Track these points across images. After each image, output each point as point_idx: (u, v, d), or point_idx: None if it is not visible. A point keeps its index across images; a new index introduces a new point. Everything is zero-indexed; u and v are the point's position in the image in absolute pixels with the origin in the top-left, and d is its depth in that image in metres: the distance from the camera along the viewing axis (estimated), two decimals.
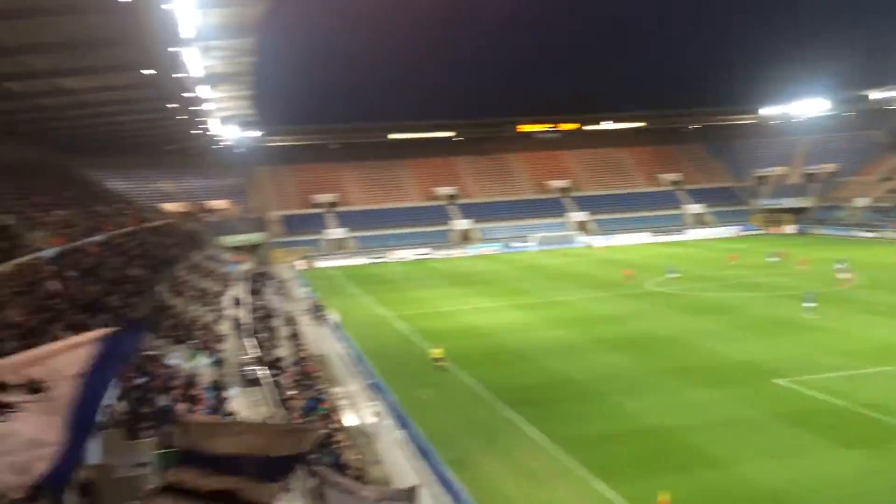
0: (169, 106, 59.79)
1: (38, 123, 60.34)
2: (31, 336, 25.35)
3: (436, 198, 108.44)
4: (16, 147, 63.74)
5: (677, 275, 62.77)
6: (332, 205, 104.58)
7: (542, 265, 77.85)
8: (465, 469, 23.03)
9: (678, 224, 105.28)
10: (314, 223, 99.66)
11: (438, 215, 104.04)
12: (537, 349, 39.10)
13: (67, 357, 6.73)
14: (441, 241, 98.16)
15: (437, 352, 36.88)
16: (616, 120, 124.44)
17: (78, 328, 29.26)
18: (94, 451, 20.17)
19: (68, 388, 6.53)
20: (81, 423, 6.53)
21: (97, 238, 49.18)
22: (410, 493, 7.47)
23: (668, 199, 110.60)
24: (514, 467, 23.36)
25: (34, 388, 6.42)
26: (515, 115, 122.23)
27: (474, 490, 21.17)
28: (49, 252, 38.15)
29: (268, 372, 37.12)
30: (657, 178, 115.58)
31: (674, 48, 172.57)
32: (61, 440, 6.25)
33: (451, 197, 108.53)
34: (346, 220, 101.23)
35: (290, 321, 50.55)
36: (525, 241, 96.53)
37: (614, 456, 23.72)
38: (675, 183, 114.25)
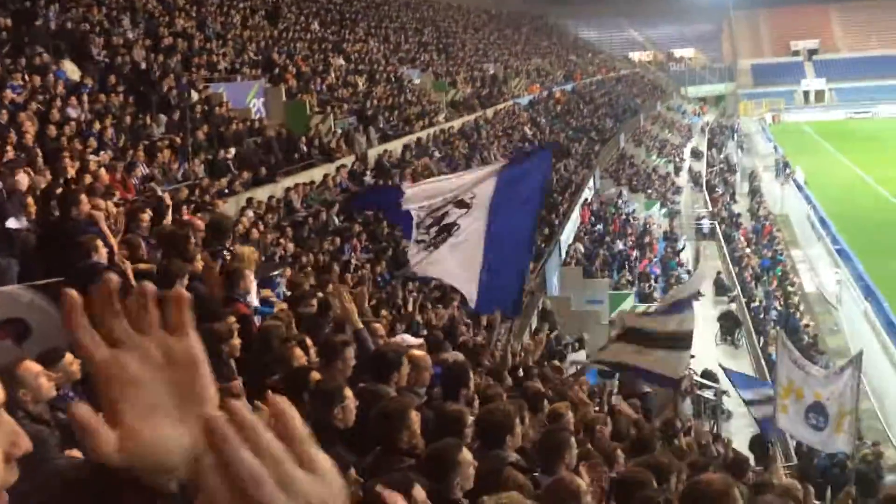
0: None
1: None
2: None
3: None
4: None
5: None
6: (812, 52, 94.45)
7: None
8: None
9: None
10: (788, 72, 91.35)
11: None
12: None
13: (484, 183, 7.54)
14: None
15: None
16: None
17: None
18: (554, 285, 21.90)
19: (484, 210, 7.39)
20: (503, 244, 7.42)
21: (567, 86, 51.69)
22: (856, 360, 6.88)
23: None
24: None
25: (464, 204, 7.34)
26: None
27: None
28: (524, 99, 41.25)
29: (722, 227, 36.31)
30: None
31: None
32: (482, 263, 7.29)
33: None
34: (827, 68, 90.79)
35: (751, 177, 48.23)
36: None
37: None
38: None
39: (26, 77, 13.47)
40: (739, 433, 17.15)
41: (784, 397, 7.74)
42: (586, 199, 32.23)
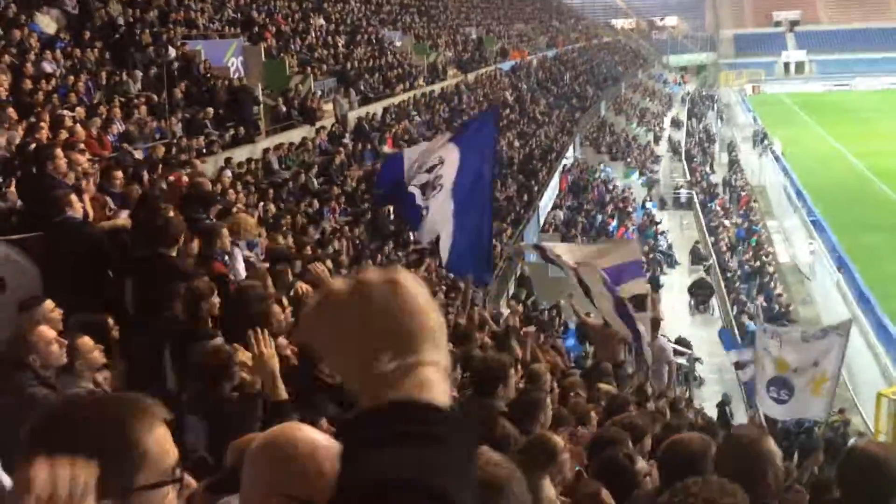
0: None
1: None
2: None
3: None
4: None
5: None
6: (794, 23, 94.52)
7: None
8: None
9: None
10: (769, 43, 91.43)
11: None
12: None
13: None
14: None
15: None
16: None
17: (526, 137, 31.56)
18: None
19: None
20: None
21: (550, 53, 51.38)
22: (843, 327, 7.00)
23: None
24: None
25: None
26: None
27: None
28: (506, 64, 40.96)
29: (699, 196, 36.55)
30: None
31: None
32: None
33: None
34: (808, 40, 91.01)
35: (730, 148, 48.48)
36: None
37: None
38: None
39: None
40: (711, 399, 17.45)
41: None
42: (565, 166, 32.24)
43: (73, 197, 6.19)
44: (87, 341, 4.43)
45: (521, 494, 1.60)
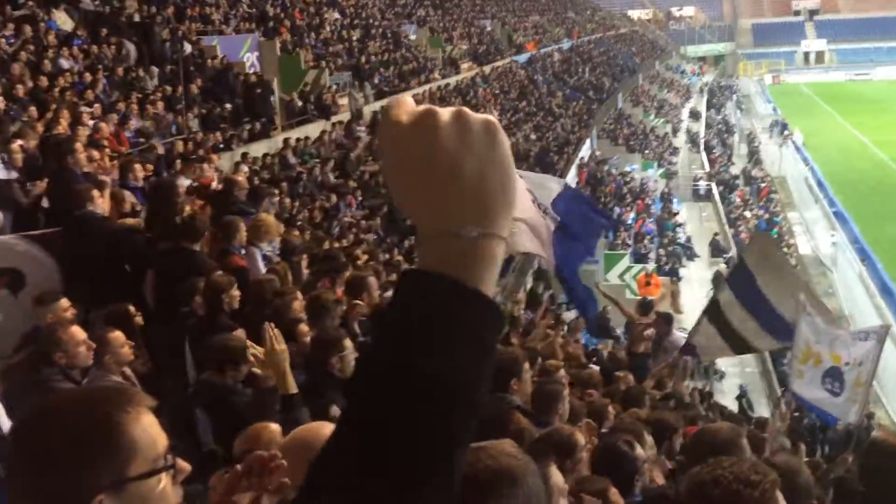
0: None
1: None
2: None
3: None
4: None
5: None
6: (813, 12, 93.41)
7: None
8: None
9: None
10: (789, 33, 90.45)
11: None
12: None
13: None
14: None
15: None
16: None
17: (542, 130, 31.42)
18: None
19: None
20: None
21: (566, 44, 51.11)
22: (881, 332, 6.87)
23: None
24: None
25: None
26: None
27: None
28: (522, 56, 40.79)
29: (719, 188, 36.23)
30: None
31: None
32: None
33: None
34: (828, 29, 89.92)
35: (749, 138, 48.02)
36: None
37: None
38: None
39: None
40: (732, 393, 17.33)
41: (802, 363, 7.57)
42: (583, 159, 32.06)
43: (95, 192, 6.20)
44: (118, 336, 4.44)
45: (535, 487, 1.60)
